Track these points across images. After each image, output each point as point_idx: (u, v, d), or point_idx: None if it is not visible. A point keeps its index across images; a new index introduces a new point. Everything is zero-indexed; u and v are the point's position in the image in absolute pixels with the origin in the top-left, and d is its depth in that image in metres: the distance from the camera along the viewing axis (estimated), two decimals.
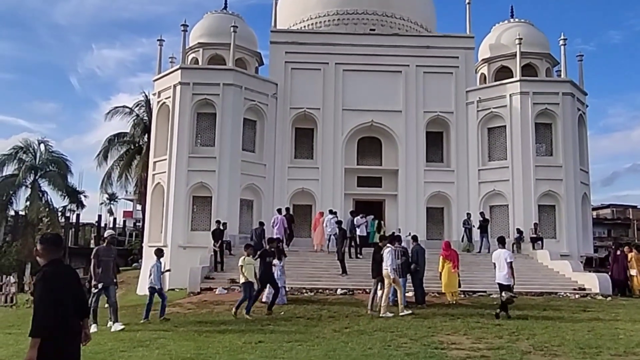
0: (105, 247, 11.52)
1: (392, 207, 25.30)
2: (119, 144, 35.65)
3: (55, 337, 4.14)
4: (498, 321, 11.57)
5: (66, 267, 4.80)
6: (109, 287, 11.15)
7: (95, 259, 11.14)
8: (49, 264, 4.41)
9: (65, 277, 4.50)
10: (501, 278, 12.36)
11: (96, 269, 11.06)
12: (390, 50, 25.53)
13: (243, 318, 11.96)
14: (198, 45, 25.84)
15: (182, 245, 22.43)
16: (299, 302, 14.48)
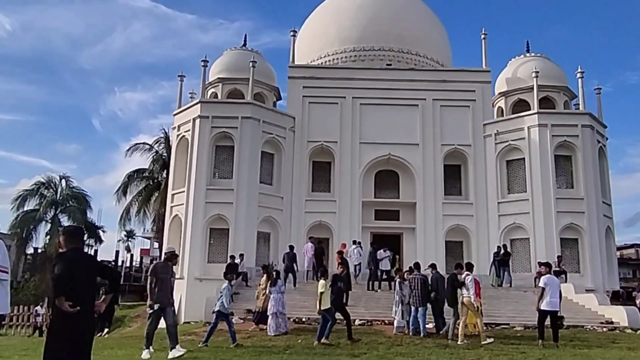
0: (163, 264, 10.39)
1: (410, 240, 24.98)
2: (138, 180, 36.09)
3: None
4: (523, 348, 11.14)
5: (85, 254, 4.88)
6: (166, 308, 9.98)
7: (152, 276, 10.00)
8: (68, 250, 4.48)
9: (83, 260, 4.55)
10: (555, 304, 11.83)
11: (152, 288, 9.90)
12: (406, 84, 25.79)
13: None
14: (217, 80, 26.40)
15: (198, 277, 22.30)
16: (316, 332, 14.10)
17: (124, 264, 53.05)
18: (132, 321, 25.55)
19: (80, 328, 4.52)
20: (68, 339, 4.45)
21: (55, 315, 4.51)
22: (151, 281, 9.95)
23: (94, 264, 4.85)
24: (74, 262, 4.59)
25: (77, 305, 4.43)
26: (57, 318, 4.51)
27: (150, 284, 9.93)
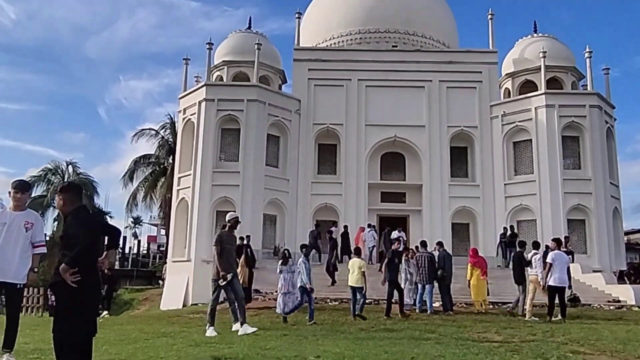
0: (228, 233, 9.54)
1: (417, 222, 24.95)
2: (144, 165, 36.16)
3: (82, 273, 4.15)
4: (530, 323, 11.15)
5: (93, 213, 4.84)
6: (233, 279, 9.24)
7: (217, 246, 9.17)
8: (79, 208, 4.42)
9: (94, 217, 4.51)
10: (563, 280, 11.84)
11: (220, 258, 9.09)
12: (412, 65, 25.59)
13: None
14: (223, 63, 26.29)
15: (205, 259, 22.30)
16: (324, 310, 14.19)
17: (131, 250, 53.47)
18: (141, 304, 25.76)
19: (89, 293, 4.40)
20: (78, 306, 4.32)
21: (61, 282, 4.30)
22: (218, 251, 9.16)
23: (100, 223, 4.71)
24: (91, 225, 4.45)
25: (88, 271, 4.32)
26: (63, 284, 4.30)
27: (218, 255, 9.15)
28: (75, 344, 4.24)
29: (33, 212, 6.27)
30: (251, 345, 7.09)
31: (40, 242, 6.18)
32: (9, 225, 5.88)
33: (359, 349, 6.78)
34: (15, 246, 5.86)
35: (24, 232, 5.94)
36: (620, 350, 7.15)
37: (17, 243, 5.88)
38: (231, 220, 9.50)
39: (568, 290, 12.36)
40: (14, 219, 5.94)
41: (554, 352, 6.68)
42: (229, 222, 9.49)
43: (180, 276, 22.67)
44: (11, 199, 6.11)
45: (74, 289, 4.15)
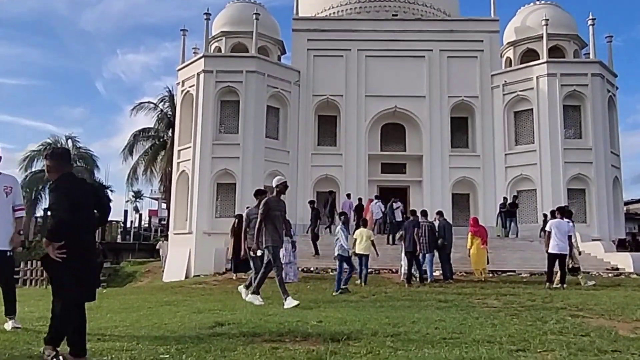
0: (276, 198, 8.75)
1: (417, 193, 25.01)
2: (143, 139, 36.08)
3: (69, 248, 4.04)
4: (530, 290, 11.27)
5: (80, 179, 4.64)
6: (275, 250, 8.43)
7: (263, 213, 8.29)
8: (62, 177, 4.27)
9: (81, 185, 4.40)
10: (562, 247, 11.93)
11: (260, 228, 8.30)
12: (413, 35, 25.28)
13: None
14: (221, 34, 25.97)
15: (207, 231, 22.50)
16: (325, 280, 14.32)
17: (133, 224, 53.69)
18: (143, 276, 26.00)
19: (77, 266, 4.16)
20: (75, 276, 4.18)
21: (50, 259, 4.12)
22: (262, 219, 8.29)
23: (87, 193, 4.39)
24: (73, 196, 4.17)
25: (73, 245, 4.09)
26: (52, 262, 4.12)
27: (260, 224, 8.30)
28: (68, 308, 4.18)
29: (9, 175, 6.07)
30: (254, 312, 7.17)
31: (19, 205, 6.01)
32: None
33: (360, 314, 6.86)
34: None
35: (4, 197, 5.78)
36: (618, 314, 7.23)
37: (0, 210, 5.75)
38: (279, 185, 8.60)
39: (570, 259, 12.39)
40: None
41: (553, 316, 6.76)
42: (277, 187, 8.62)
43: (182, 249, 22.81)
44: None
45: (61, 263, 4.05)
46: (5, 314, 5.86)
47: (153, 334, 5.51)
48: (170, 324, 6.23)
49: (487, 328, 5.79)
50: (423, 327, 5.78)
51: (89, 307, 8.23)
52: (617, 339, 5.10)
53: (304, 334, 5.33)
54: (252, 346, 4.76)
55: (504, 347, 4.71)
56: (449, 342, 4.90)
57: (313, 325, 5.85)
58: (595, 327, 5.85)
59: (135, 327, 6.11)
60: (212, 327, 5.82)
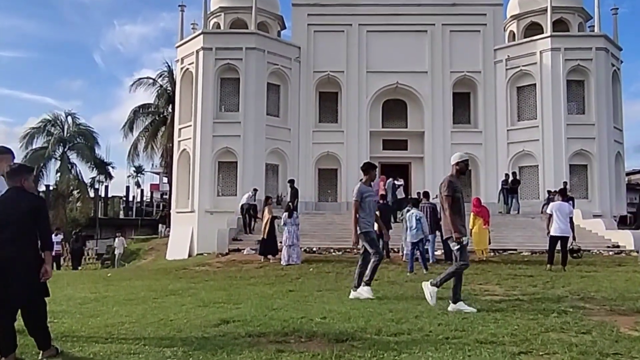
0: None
1: (419, 169, 24.99)
2: (143, 115, 35.92)
3: None
4: (530, 272, 11.35)
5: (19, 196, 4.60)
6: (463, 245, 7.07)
7: (449, 194, 7.00)
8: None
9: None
10: (564, 230, 11.95)
11: (453, 213, 6.99)
12: (415, 9, 24.87)
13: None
14: (219, 9, 25.56)
15: (209, 210, 22.59)
16: (328, 261, 14.42)
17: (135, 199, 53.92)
18: (147, 254, 26.26)
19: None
20: None
21: None
22: (449, 202, 6.99)
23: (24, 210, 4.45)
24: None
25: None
26: None
27: (449, 207, 6.99)
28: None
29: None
30: (258, 305, 7.24)
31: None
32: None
33: (364, 307, 6.92)
34: None
35: None
36: (619, 304, 7.30)
37: None
38: (461, 162, 7.18)
39: (572, 241, 12.45)
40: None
41: (554, 307, 6.81)
42: (457, 164, 7.17)
43: (185, 227, 22.94)
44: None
45: None
46: None
47: (159, 333, 5.57)
48: (176, 320, 6.30)
49: (489, 324, 5.84)
50: (426, 324, 5.83)
51: (95, 299, 8.34)
52: (619, 338, 5.14)
53: (308, 334, 5.38)
54: (258, 348, 4.82)
55: (507, 348, 4.76)
56: (452, 343, 4.95)
57: (317, 323, 5.90)
58: (596, 322, 5.89)
59: (141, 323, 6.18)
60: (218, 324, 5.88)
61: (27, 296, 4.37)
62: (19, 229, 4.32)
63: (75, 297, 8.44)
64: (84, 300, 8.11)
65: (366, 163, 8.42)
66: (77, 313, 6.99)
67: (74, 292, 9.40)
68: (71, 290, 9.69)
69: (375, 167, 8.48)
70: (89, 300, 8.18)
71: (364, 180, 8.14)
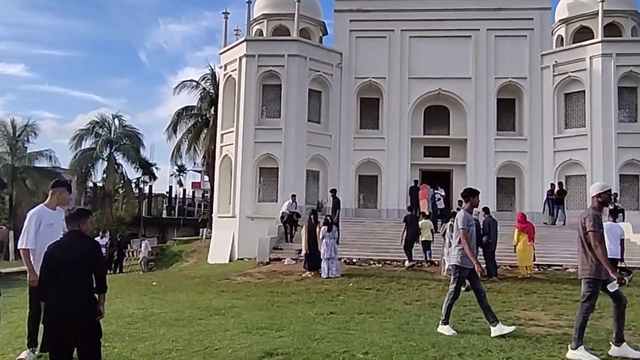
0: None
1: (460, 177, 24.58)
2: (187, 117, 36.75)
3: None
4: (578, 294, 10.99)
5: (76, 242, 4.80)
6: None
7: (596, 229, 6.10)
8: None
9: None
10: (614, 252, 11.32)
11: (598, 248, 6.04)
12: (459, 14, 24.43)
13: None
14: (262, 16, 25.79)
15: (250, 216, 22.88)
16: (368, 275, 14.39)
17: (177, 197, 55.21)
18: (189, 256, 26.80)
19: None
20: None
21: None
22: (598, 239, 6.11)
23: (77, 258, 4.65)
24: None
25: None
26: None
27: (597, 244, 6.07)
28: None
29: (62, 210, 6.30)
30: (300, 332, 7.30)
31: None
32: (56, 225, 5.88)
33: (406, 340, 6.88)
34: None
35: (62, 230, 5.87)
36: None
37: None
38: (603, 194, 6.40)
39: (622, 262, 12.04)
40: (56, 218, 5.95)
41: (604, 348, 6.61)
42: (599, 196, 6.42)
43: (226, 232, 23.30)
44: (54, 197, 6.10)
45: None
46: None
47: None
48: (221, 349, 6.44)
49: None
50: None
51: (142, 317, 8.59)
52: None
53: None
54: None
55: None
56: None
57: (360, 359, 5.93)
58: None
59: (187, 352, 6.35)
60: (262, 358, 5.99)
61: (83, 336, 4.55)
62: (75, 271, 4.51)
63: (123, 314, 8.71)
64: (132, 319, 8.36)
65: (467, 189, 8.04)
66: (126, 335, 7.21)
67: (122, 306, 9.69)
68: (120, 304, 9.99)
69: (478, 193, 7.95)
70: (137, 318, 8.43)
71: (467, 208, 7.83)
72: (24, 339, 6.37)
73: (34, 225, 5.79)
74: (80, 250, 4.57)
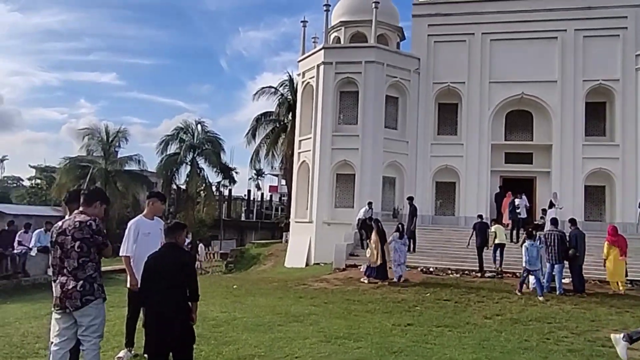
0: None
1: (544, 184, 23.54)
2: (265, 123, 37.76)
3: None
4: None
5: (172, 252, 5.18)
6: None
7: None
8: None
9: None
10: None
11: None
12: (544, 14, 23.43)
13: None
14: (340, 24, 26.04)
15: (326, 221, 23.12)
16: (446, 285, 14.13)
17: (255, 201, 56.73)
18: (266, 259, 27.44)
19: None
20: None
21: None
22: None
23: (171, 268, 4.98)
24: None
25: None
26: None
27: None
28: None
29: (160, 220, 6.69)
30: (378, 344, 7.34)
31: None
32: (152, 234, 6.28)
33: (487, 357, 6.74)
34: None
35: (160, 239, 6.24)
36: None
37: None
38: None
39: None
40: (153, 227, 6.37)
41: None
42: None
43: (303, 236, 23.69)
44: (149, 207, 6.54)
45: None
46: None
47: None
48: (301, 357, 6.62)
49: None
50: None
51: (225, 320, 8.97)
52: None
53: None
54: None
55: None
56: None
57: None
58: None
59: (269, 358, 6.59)
60: None
61: (178, 341, 4.87)
62: (170, 281, 4.84)
63: (208, 318, 9.11)
64: (216, 322, 8.74)
65: None
66: (211, 338, 7.57)
67: (206, 309, 10.12)
68: (204, 306, 10.40)
69: None
70: (220, 322, 8.81)
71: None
72: (120, 338, 6.87)
73: (132, 234, 6.28)
74: (174, 262, 4.90)
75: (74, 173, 37.74)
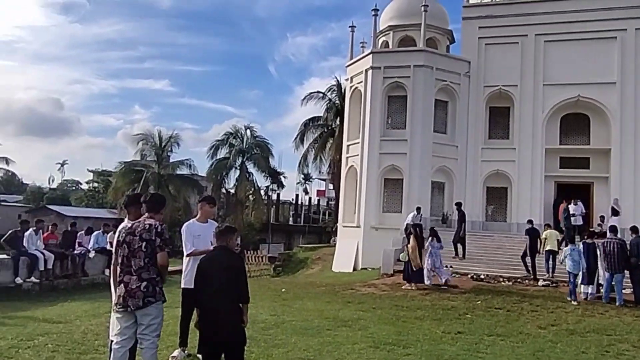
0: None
1: (602, 190, 22.63)
2: (313, 128, 38.05)
3: None
4: None
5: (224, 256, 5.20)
6: None
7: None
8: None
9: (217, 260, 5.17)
10: None
11: None
12: (601, 13, 22.57)
13: None
14: (388, 28, 25.92)
15: (374, 226, 23.02)
16: (497, 293, 13.78)
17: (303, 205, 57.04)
18: (314, 263, 27.53)
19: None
20: None
21: None
22: None
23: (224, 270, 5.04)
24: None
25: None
26: None
27: None
28: None
29: (214, 222, 6.84)
30: (428, 352, 7.24)
31: None
32: (203, 236, 6.44)
33: None
34: None
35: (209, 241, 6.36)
36: None
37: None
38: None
39: None
40: (204, 230, 6.50)
41: None
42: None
43: (351, 241, 23.66)
44: (200, 211, 6.73)
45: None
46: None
47: None
48: None
49: None
50: None
51: (275, 323, 9.07)
52: None
53: None
54: None
55: None
56: None
57: None
58: None
59: None
60: None
61: (230, 342, 4.96)
62: (221, 283, 4.95)
63: (257, 320, 9.22)
64: (266, 325, 8.85)
65: None
66: (261, 341, 7.66)
67: (256, 312, 10.24)
68: (253, 309, 10.54)
69: None
70: (270, 325, 8.91)
71: None
72: (174, 338, 7.05)
73: (185, 236, 6.53)
74: (225, 265, 5.00)
75: (128, 177, 39.10)
